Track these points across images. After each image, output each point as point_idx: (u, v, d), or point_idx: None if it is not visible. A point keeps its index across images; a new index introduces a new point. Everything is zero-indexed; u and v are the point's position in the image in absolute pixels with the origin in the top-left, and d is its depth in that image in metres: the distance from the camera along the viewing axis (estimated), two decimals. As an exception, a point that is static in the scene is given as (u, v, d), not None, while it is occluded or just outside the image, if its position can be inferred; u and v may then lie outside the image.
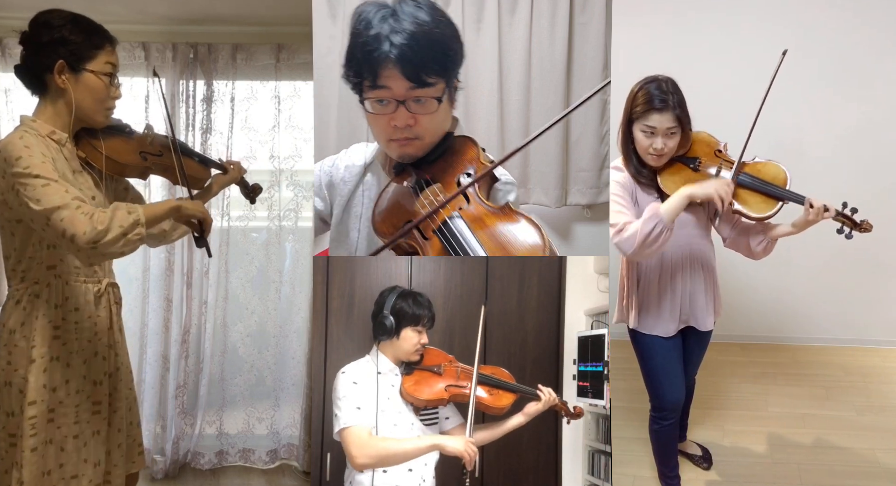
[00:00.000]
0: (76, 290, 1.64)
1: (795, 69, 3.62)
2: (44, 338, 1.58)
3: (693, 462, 2.74)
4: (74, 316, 1.63)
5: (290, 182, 2.81)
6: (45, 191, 1.42)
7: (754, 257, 2.24)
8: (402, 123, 1.45)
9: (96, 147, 1.64)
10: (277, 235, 2.83)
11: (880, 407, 3.18)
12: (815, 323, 3.90)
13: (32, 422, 1.56)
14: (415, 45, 1.36)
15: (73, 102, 1.57)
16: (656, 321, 2.23)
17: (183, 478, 2.82)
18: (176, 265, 2.77)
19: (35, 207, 1.41)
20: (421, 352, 1.84)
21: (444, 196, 1.44)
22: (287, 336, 2.87)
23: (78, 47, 1.56)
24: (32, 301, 1.59)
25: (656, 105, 2.02)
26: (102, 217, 1.42)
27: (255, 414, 2.91)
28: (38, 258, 1.58)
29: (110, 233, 1.41)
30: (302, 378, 2.84)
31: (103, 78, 1.59)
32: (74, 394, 1.63)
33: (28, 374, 1.57)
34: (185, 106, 2.73)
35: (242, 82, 2.77)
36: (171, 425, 2.82)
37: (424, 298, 1.82)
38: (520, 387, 1.87)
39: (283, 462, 2.90)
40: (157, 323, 2.80)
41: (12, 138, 1.51)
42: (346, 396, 1.72)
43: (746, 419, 3.09)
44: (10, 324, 1.59)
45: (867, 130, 3.64)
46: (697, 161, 2.14)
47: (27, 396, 1.56)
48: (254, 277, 2.86)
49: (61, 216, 1.40)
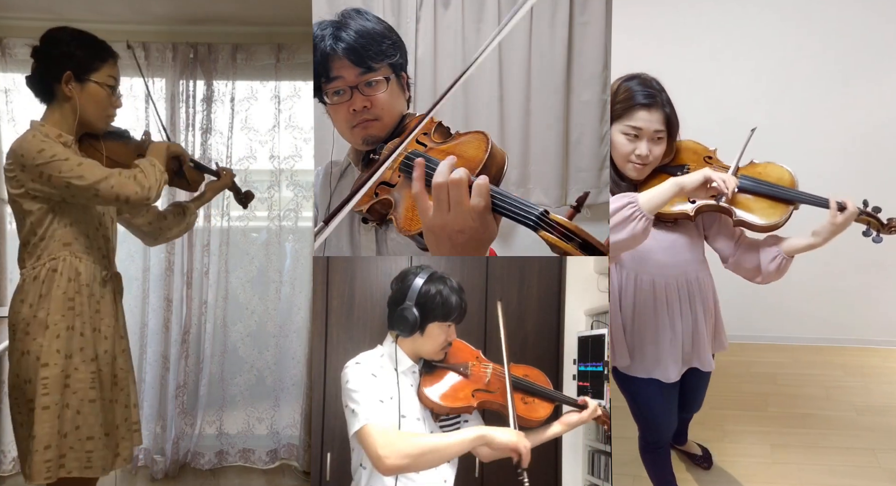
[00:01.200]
0: (87, 267, 1.80)
1: (795, 69, 3.64)
2: (59, 307, 1.75)
3: (694, 462, 2.74)
4: (86, 290, 1.80)
5: (290, 182, 2.81)
6: (83, 168, 1.67)
7: (764, 279, 1.89)
8: (360, 105, 1.60)
9: (98, 148, 1.83)
10: (277, 235, 2.83)
11: (880, 407, 3.19)
12: (815, 323, 3.90)
13: (45, 382, 1.72)
14: (358, 37, 1.58)
15: (78, 109, 1.76)
16: (655, 365, 1.99)
17: (183, 478, 2.82)
18: (176, 265, 2.77)
19: (80, 182, 1.66)
20: (447, 351, 1.57)
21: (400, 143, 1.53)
22: (287, 336, 2.87)
23: (84, 60, 1.75)
24: (50, 276, 1.75)
25: (642, 101, 1.74)
26: (142, 178, 1.72)
27: (255, 414, 2.91)
28: (56, 236, 1.76)
29: (153, 189, 1.73)
30: (302, 378, 2.84)
31: (105, 88, 1.79)
32: (90, 361, 1.79)
33: (43, 340, 1.73)
34: (185, 106, 2.73)
35: (242, 82, 2.77)
36: (171, 425, 2.82)
37: (456, 284, 1.54)
38: (560, 395, 1.64)
39: (283, 462, 2.90)
40: (157, 323, 2.80)
41: (27, 137, 1.71)
42: (365, 388, 1.44)
43: (746, 419, 3.09)
44: (30, 299, 1.75)
45: (867, 129, 3.64)
46: (686, 168, 1.84)
47: (41, 359, 1.72)
48: (254, 277, 2.86)
49: (111, 184, 1.67)
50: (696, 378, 2.12)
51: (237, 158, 2.77)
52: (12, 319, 1.78)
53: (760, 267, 1.88)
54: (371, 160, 1.64)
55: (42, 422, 1.70)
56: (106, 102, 1.80)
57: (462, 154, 1.44)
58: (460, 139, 1.52)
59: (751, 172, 1.85)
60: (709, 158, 1.89)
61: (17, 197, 1.73)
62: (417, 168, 1.33)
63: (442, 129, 1.60)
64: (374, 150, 1.65)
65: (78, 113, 1.76)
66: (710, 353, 2.04)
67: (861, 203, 1.81)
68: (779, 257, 1.84)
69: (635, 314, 1.96)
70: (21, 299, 1.77)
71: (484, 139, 1.45)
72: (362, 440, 1.40)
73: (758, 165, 1.89)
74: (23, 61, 2.65)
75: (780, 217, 1.77)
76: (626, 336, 2.01)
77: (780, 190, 1.79)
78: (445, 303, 1.50)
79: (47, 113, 1.79)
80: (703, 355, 2.00)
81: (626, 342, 2.01)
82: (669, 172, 1.85)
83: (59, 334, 1.74)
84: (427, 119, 1.54)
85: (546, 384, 1.64)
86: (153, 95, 2.69)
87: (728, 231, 1.94)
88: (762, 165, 1.89)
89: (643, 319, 1.94)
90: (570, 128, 2.59)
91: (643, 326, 1.94)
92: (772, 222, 1.78)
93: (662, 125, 1.77)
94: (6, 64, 2.65)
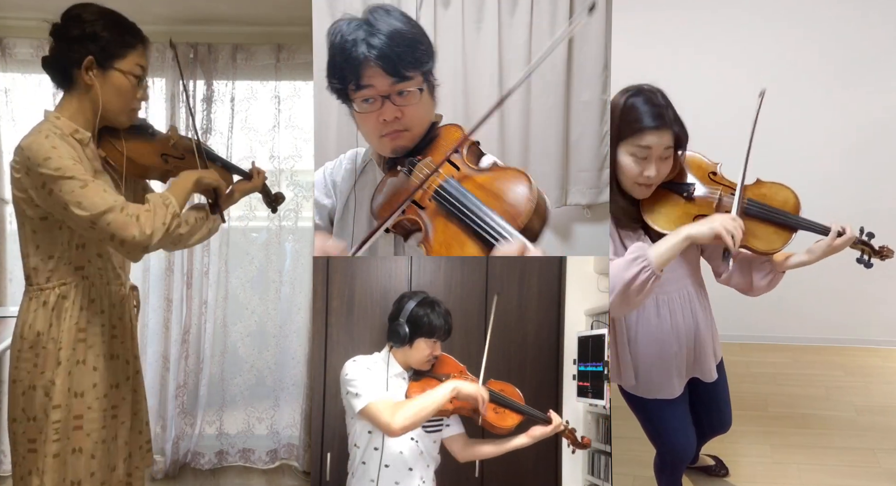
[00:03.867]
0: (102, 292, 1.63)
1: (795, 68, 3.64)
2: (69, 339, 1.57)
3: (710, 474, 2.69)
4: (100, 319, 1.63)
5: (290, 182, 2.81)
6: (86, 193, 1.44)
7: (754, 293, 1.91)
8: (391, 116, 1.54)
9: (117, 147, 1.62)
10: (277, 235, 2.84)
11: (880, 407, 3.19)
12: (815, 323, 3.90)
13: (56, 427, 1.54)
14: (391, 43, 1.48)
15: (100, 100, 1.55)
16: (660, 385, 1.96)
17: (183, 478, 2.82)
18: (176, 265, 2.78)
19: (79, 212, 1.43)
20: (432, 363, 1.81)
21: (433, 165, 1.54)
22: (287, 336, 2.87)
23: (109, 44, 1.54)
24: (60, 303, 1.57)
25: (650, 124, 1.68)
26: (147, 219, 1.47)
27: (255, 414, 2.91)
28: (65, 259, 1.58)
29: (156, 235, 1.47)
30: (302, 378, 2.84)
31: (131, 78, 1.57)
32: (103, 398, 1.62)
33: (55, 377, 1.55)
34: (185, 106, 2.73)
35: (242, 82, 2.77)
36: (171, 425, 2.82)
37: (443, 308, 1.78)
38: (528, 409, 1.80)
39: (283, 462, 2.90)
40: (157, 323, 2.80)
41: (37, 138, 1.49)
42: (362, 377, 1.70)
43: (746, 419, 3.09)
44: (38, 326, 1.56)
45: (867, 129, 3.64)
46: (691, 187, 1.79)
47: (53, 399, 1.54)
48: (254, 277, 2.86)
49: (108, 221, 1.43)
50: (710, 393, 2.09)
51: (237, 158, 2.77)
52: (17, 344, 1.59)
53: (752, 283, 1.90)
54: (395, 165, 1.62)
55: (52, 472, 1.54)
56: (130, 94, 1.58)
57: (501, 195, 1.43)
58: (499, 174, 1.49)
59: (756, 195, 1.82)
60: (713, 175, 1.85)
61: (21, 201, 1.54)
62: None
63: (474, 149, 1.59)
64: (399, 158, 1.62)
65: (99, 105, 1.55)
66: (714, 363, 2.04)
67: (858, 231, 1.81)
68: (771, 273, 1.87)
69: (639, 334, 1.95)
70: (29, 324, 1.57)
71: (529, 186, 1.41)
72: (370, 415, 1.65)
73: (764, 184, 1.85)
74: (23, 61, 2.65)
75: (782, 244, 1.78)
76: (632, 357, 1.98)
77: (783, 217, 1.77)
78: (431, 323, 1.75)
79: (64, 102, 1.58)
80: (704, 365, 1.99)
81: (631, 364, 1.99)
82: (674, 189, 1.82)
83: (71, 371, 1.57)
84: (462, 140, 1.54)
85: (519, 400, 1.83)
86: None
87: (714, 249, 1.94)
88: (768, 184, 1.85)
89: (647, 338, 1.93)
90: (570, 128, 2.59)
91: (648, 345, 1.93)
92: (774, 249, 1.79)
93: (672, 143, 1.72)
94: (6, 64, 2.65)
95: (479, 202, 1.44)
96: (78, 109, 1.56)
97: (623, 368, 1.98)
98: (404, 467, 1.76)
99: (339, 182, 1.80)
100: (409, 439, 1.78)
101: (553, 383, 2.23)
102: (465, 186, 1.49)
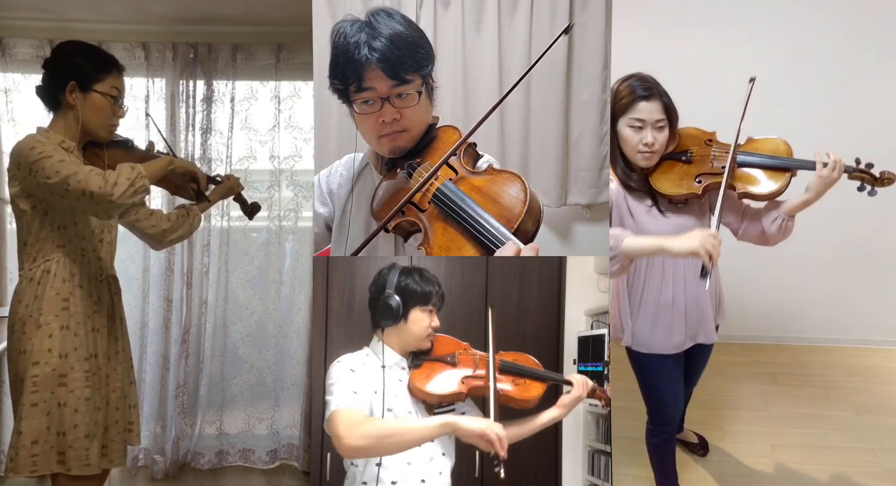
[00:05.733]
0: (81, 269, 1.84)
1: (794, 68, 3.64)
2: (52, 307, 1.78)
3: (690, 450, 2.76)
4: (80, 292, 1.83)
5: (290, 182, 2.81)
6: (62, 165, 1.68)
7: (770, 241, 2.01)
8: (390, 117, 1.59)
9: (100, 156, 1.89)
10: (277, 235, 2.84)
11: (880, 407, 3.19)
12: (815, 323, 3.90)
13: (34, 380, 1.75)
14: (392, 47, 1.53)
15: (81, 117, 1.82)
16: (662, 339, 2.07)
17: (183, 478, 2.82)
18: (176, 265, 2.77)
19: (54, 179, 1.66)
20: (432, 337, 1.62)
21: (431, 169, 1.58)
22: (287, 336, 2.87)
23: (88, 71, 1.82)
24: (44, 276, 1.79)
25: (641, 94, 1.91)
26: (112, 175, 1.69)
27: (255, 414, 2.91)
28: (49, 238, 1.80)
29: (119, 186, 1.68)
30: (302, 378, 2.84)
31: (108, 99, 1.84)
32: (84, 360, 1.81)
33: (35, 339, 1.76)
34: (185, 106, 2.73)
35: (242, 82, 2.77)
36: (171, 425, 2.82)
37: (430, 273, 1.62)
38: (549, 374, 1.64)
39: (283, 462, 2.90)
40: (157, 323, 2.80)
41: (26, 139, 1.76)
42: (340, 381, 1.50)
43: (746, 419, 3.09)
44: (26, 299, 1.80)
45: (866, 130, 3.64)
46: (689, 152, 2.00)
47: (31, 357, 1.76)
48: (254, 277, 2.86)
49: (78, 179, 1.65)
50: (700, 353, 2.21)
51: (237, 158, 2.78)
52: (11, 319, 1.83)
53: (764, 231, 2.00)
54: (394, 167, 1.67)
55: (29, 418, 1.74)
56: (108, 112, 1.85)
57: (497, 198, 1.49)
58: (494, 177, 1.54)
59: (749, 147, 2.00)
60: (709, 141, 2.02)
61: (15, 196, 1.78)
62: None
63: (471, 151, 1.64)
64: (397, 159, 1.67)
65: (81, 121, 1.82)
66: (714, 325, 2.14)
67: (853, 161, 1.94)
68: (779, 218, 1.97)
69: (644, 293, 2.06)
70: (18, 299, 1.81)
71: (522, 189, 1.48)
72: (329, 425, 1.44)
73: (756, 140, 2.03)
74: (23, 61, 2.65)
75: (780, 183, 1.91)
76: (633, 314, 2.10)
77: (776, 160, 1.94)
78: (423, 289, 1.58)
79: (53, 121, 1.85)
80: (707, 327, 2.10)
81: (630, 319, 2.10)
82: (675, 158, 2.00)
83: (52, 334, 1.77)
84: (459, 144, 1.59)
85: (536, 367, 1.65)
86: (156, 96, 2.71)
87: (734, 205, 2.05)
88: (760, 140, 2.03)
89: (651, 296, 2.05)
90: (570, 128, 2.59)
91: (648, 299, 2.05)
92: (773, 189, 1.91)
93: (663, 114, 1.92)
94: (6, 64, 2.65)
95: (476, 206, 1.48)
96: (64, 125, 1.83)
97: (625, 325, 2.10)
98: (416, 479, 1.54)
99: (336, 189, 1.83)
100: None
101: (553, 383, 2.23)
102: (462, 188, 1.53)
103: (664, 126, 1.93)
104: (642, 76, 1.97)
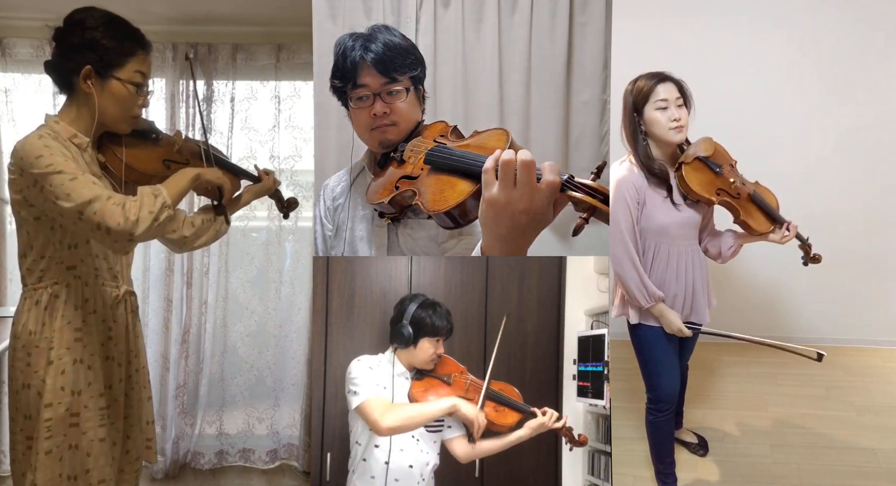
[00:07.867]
0: (95, 292, 1.63)
1: (794, 69, 3.64)
2: (63, 340, 1.57)
3: (689, 450, 2.77)
4: (93, 318, 1.63)
5: (290, 182, 2.81)
6: (74, 185, 1.42)
7: (722, 259, 2.45)
8: (380, 111, 1.75)
9: (117, 153, 1.61)
10: (277, 235, 2.84)
11: (880, 407, 3.19)
12: (815, 323, 3.90)
13: (48, 425, 1.55)
14: (386, 50, 1.73)
15: (97, 110, 1.54)
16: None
17: (183, 478, 2.82)
18: (176, 265, 2.77)
19: (66, 203, 1.41)
20: (436, 362, 1.91)
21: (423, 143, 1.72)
22: (287, 336, 2.87)
23: (108, 53, 1.53)
24: (52, 302, 1.58)
25: (657, 79, 2.21)
26: (133, 207, 1.42)
27: (255, 414, 2.91)
28: (57, 258, 1.57)
29: (142, 223, 1.43)
30: (302, 378, 2.84)
31: (130, 87, 1.56)
32: (98, 397, 1.63)
33: (46, 376, 1.56)
34: (185, 106, 2.73)
35: (242, 82, 2.77)
36: (171, 425, 2.82)
37: (444, 309, 1.90)
38: (526, 407, 1.92)
39: (283, 462, 2.90)
40: (157, 323, 2.80)
41: (31, 138, 1.49)
42: (364, 376, 1.82)
43: (746, 419, 3.09)
44: (31, 325, 1.57)
45: (866, 130, 3.64)
46: (721, 167, 2.29)
47: (44, 398, 1.55)
48: (254, 277, 2.86)
49: (94, 209, 1.40)
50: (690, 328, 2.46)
51: (237, 158, 2.77)
52: (13, 343, 1.61)
53: (722, 253, 2.44)
54: (389, 159, 1.78)
55: (44, 469, 1.55)
56: (130, 102, 1.58)
57: (483, 146, 1.57)
58: (480, 135, 1.65)
59: (762, 191, 2.40)
60: (732, 167, 2.35)
61: (16, 202, 1.54)
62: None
63: (457, 132, 1.77)
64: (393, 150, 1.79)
65: (97, 112, 1.54)
66: (706, 308, 2.44)
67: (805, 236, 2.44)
68: (734, 246, 2.42)
69: (651, 275, 2.32)
70: (23, 322, 1.59)
71: (504, 135, 1.58)
72: (363, 412, 1.78)
73: (762, 186, 2.42)
74: (23, 61, 2.65)
75: (766, 230, 2.36)
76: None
77: (772, 212, 2.37)
78: (434, 323, 1.87)
79: (64, 107, 1.59)
80: (699, 308, 2.39)
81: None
82: (710, 166, 2.29)
83: (65, 370, 1.57)
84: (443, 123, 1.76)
85: (518, 399, 1.94)
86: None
87: (708, 220, 2.47)
88: (765, 188, 2.42)
89: (657, 278, 2.32)
90: (570, 128, 2.59)
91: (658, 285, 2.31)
92: (762, 230, 2.34)
93: (678, 93, 2.22)
94: (6, 64, 2.65)
95: (465, 151, 1.54)
96: (77, 115, 1.56)
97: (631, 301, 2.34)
98: (405, 464, 1.82)
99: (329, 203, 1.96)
100: (410, 437, 1.84)
101: (553, 383, 2.24)
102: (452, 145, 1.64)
103: (682, 104, 2.23)
104: (651, 72, 2.26)
